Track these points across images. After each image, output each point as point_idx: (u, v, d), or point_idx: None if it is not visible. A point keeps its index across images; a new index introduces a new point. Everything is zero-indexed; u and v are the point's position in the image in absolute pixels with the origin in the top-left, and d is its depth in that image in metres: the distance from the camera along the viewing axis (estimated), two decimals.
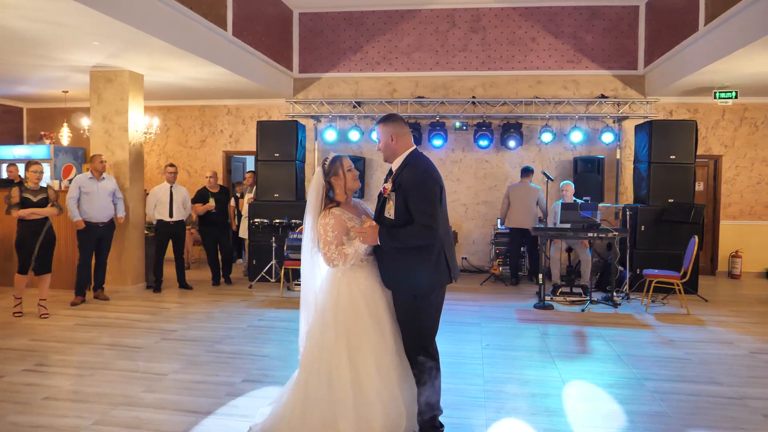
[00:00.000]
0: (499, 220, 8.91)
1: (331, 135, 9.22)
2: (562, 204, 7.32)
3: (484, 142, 9.10)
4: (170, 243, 7.63)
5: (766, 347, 5.32)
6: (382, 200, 3.17)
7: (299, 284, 7.73)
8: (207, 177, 8.10)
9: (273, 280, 8.16)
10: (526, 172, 8.43)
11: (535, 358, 4.95)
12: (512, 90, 9.46)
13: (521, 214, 8.25)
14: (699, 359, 4.94)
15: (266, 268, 8.11)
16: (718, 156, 9.39)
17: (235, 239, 10.32)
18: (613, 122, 9.24)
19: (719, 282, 8.98)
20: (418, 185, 2.93)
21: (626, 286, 7.73)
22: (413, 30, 9.53)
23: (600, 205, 7.71)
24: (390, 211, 3.05)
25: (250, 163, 11.71)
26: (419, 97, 9.41)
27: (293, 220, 8.04)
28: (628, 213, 7.70)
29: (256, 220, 8.10)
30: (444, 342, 5.37)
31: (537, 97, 9.27)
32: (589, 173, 8.84)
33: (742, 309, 7.00)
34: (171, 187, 7.60)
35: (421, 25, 9.52)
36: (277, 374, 4.38)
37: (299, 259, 7.44)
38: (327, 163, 3.20)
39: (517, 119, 9.26)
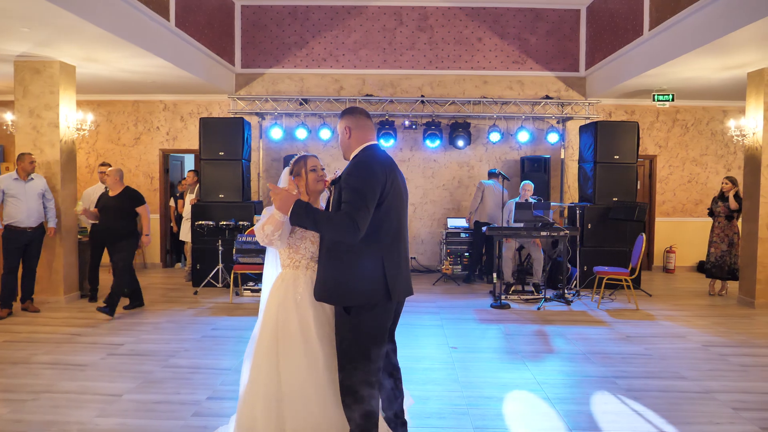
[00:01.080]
0: (467, 217, 8.88)
1: (277, 133, 8.88)
2: (516, 203, 7.39)
3: (433, 142, 9.07)
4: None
5: (716, 340, 5.57)
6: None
7: (248, 289, 7.41)
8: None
9: (220, 285, 7.74)
10: (495, 174, 8.49)
11: (505, 359, 4.92)
12: (459, 89, 9.48)
13: (493, 209, 8.31)
14: (659, 354, 5.09)
15: (212, 272, 7.68)
16: (653, 156, 9.84)
17: (174, 242, 9.78)
18: (557, 123, 9.47)
19: (655, 276, 9.41)
20: (354, 176, 2.63)
21: (575, 283, 7.93)
22: (360, 27, 9.35)
23: (552, 204, 7.85)
24: (331, 205, 2.84)
25: (188, 162, 11.12)
26: (367, 95, 9.25)
27: (241, 222, 7.66)
28: (578, 211, 7.88)
29: (200, 222, 7.65)
30: (411, 346, 5.29)
31: (485, 97, 9.35)
32: (535, 172, 9.00)
33: (684, 303, 7.32)
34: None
35: (368, 21, 9.35)
36: None
37: (250, 263, 7.15)
38: (292, 162, 3.03)
39: (465, 119, 9.29)
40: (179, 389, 4.08)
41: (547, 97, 9.35)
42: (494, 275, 7.47)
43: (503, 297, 7.37)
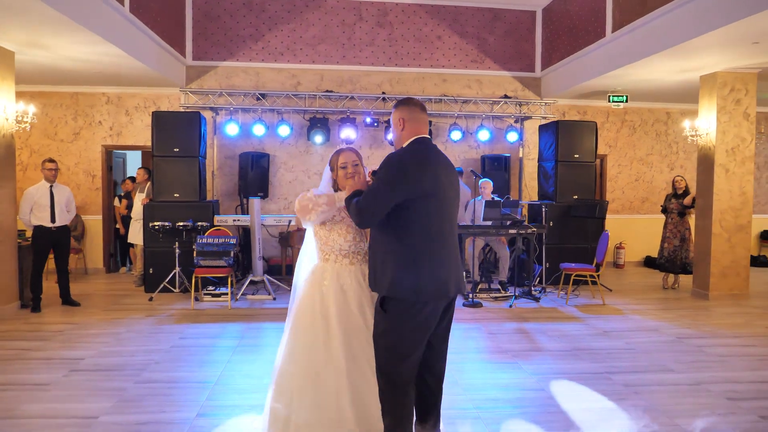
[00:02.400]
0: None
1: (232, 129, 8.45)
2: (486, 202, 7.37)
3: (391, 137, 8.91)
4: (51, 253, 6.46)
5: (687, 332, 5.75)
6: None
7: (209, 294, 6.97)
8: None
9: (177, 290, 7.25)
10: (459, 173, 8.49)
11: (498, 359, 4.85)
12: (419, 87, 9.40)
13: (460, 209, 8.24)
14: (640, 348, 5.18)
15: (169, 277, 7.18)
16: (604, 155, 10.16)
17: (122, 245, 9.15)
18: (515, 122, 9.57)
19: (607, 272, 9.70)
20: (382, 167, 2.62)
21: (539, 280, 8.02)
22: (318, 21, 9.07)
23: (520, 202, 7.91)
24: None
25: (132, 159, 10.44)
26: (328, 91, 8.98)
27: (200, 223, 7.22)
28: (543, 209, 7.98)
29: (155, 223, 7.14)
30: None
31: (445, 95, 9.31)
32: (496, 171, 9.06)
33: (643, 297, 7.56)
34: (51, 186, 6.42)
35: (326, 16, 9.08)
36: (232, 403, 3.79)
37: (211, 267, 6.74)
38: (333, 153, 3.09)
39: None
40: (162, 407, 3.71)
41: (506, 97, 9.44)
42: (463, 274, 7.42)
43: (473, 295, 7.34)
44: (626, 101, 8.79)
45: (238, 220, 7.46)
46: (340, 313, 2.83)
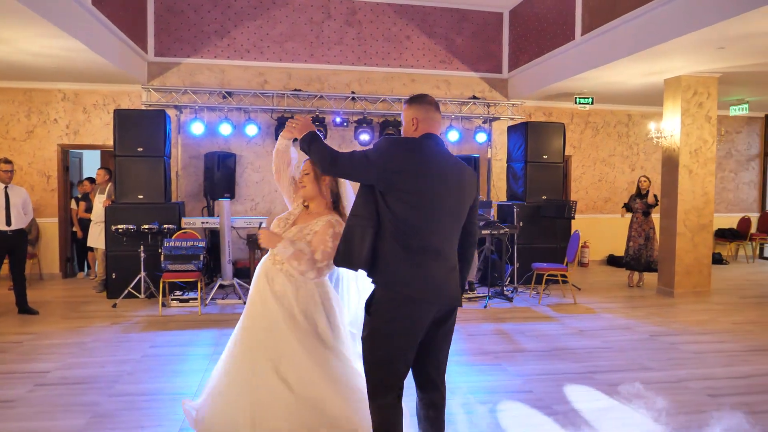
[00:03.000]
0: None
1: (198, 128, 8.17)
2: None
3: (365, 137, 8.84)
4: (6, 258, 6.09)
5: (659, 330, 5.89)
6: None
7: (176, 299, 6.70)
8: None
9: (142, 296, 6.96)
10: None
11: (481, 361, 4.83)
12: (387, 87, 9.33)
13: None
14: (617, 347, 5.26)
15: (134, 282, 6.87)
16: (568, 156, 10.34)
17: (79, 249, 8.74)
18: (483, 122, 9.62)
19: (572, 270, 9.87)
20: (373, 146, 2.54)
21: (510, 280, 8.08)
22: (286, 18, 8.88)
23: (493, 203, 7.95)
24: None
25: (90, 159, 9.98)
26: (296, 90, 8.80)
27: (166, 226, 6.94)
28: (515, 210, 8.04)
29: (119, 226, 6.82)
30: None
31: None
32: None
33: (611, 295, 7.72)
34: (6, 188, 6.04)
35: (294, 13, 8.90)
36: None
37: (181, 271, 6.49)
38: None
39: (395, 117, 9.16)
40: (141, 422, 3.52)
41: (474, 98, 9.48)
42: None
43: None
44: (592, 103, 8.97)
45: (207, 222, 7.22)
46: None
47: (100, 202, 7.38)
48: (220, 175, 8.29)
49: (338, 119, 8.74)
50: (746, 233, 10.73)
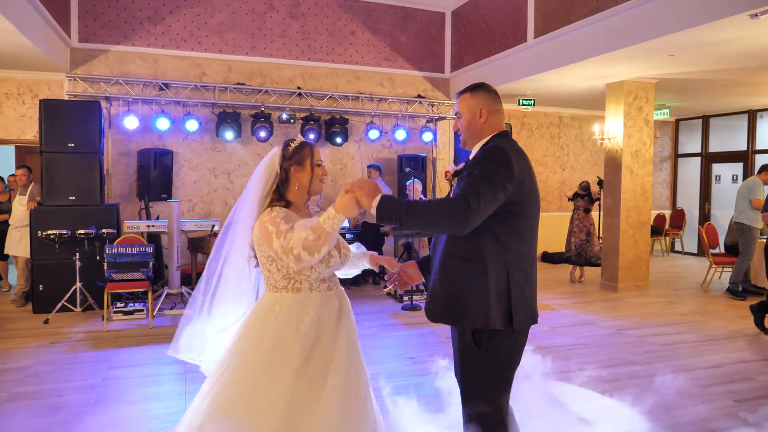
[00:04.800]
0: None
1: (132, 122, 7.44)
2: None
3: (312, 136, 8.50)
4: None
5: (621, 324, 6.13)
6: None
7: (120, 311, 6.03)
8: None
9: (78, 309, 6.20)
10: (377, 169, 8.29)
11: None
12: (332, 83, 9.05)
13: None
14: (592, 342, 5.40)
15: (68, 294, 6.10)
16: None
17: None
18: (428, 122, 9.60)
19: None
20: (485, 161, 2.17)
21: None
22: (226, 7, 8.32)
23: None
24: None
25: (2, 155, 8.80)
26: (239, 84, 8.29)
27: (104, 230, 6.24)
28: None
29: (49, 231, 6.03)
30: (366, 361, 4.69)
31: (361, 93, 9.06)
32: (413, 171, 9.00)
33: (560, 290, 7.97)
34: None
35: (235, 2, 8.37)
36: None
37: (128, 280, 5.88)
38: (292, 145, 2.31)
39: (342, 114, 8.90)
40: None
41: (420, 97, 9.44)
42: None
43: (408, 298, 7.20)
44: (534, 105, 9.22)
45: (153, 225, 6.57)
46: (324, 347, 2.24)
47: (21, 204, 6.51)
48: (157, 174, 7.63)
49: (284, 116, 8.34)
50: (662, 229, 11.56)
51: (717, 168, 11.36)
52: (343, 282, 7.74)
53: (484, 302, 2.17)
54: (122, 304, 6.21)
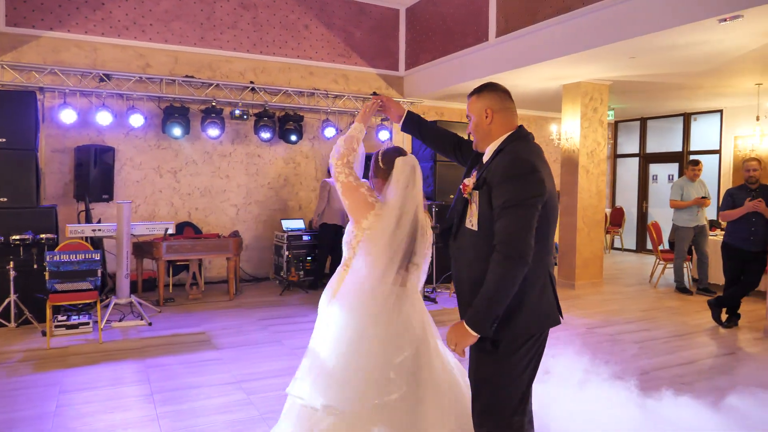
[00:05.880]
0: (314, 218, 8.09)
1: (69, 116, 6.77)
2: None
3: (267, 135, 8.10)
4: None
5: (590, 322, 6.20)
6: (462, 203, 2.35)
7: (62, 325, 5.41)
8: None
9: (13, 325, 5.55)
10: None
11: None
12: (284, 78, 8.67)
13: (339, 210, 7.77)
14: (568, 341, 5.36)
15: (1, 307, 5.43)
16: None
17: None
18: (383, 120, 9.41)
19: None
20: (515, 180, 2.09)
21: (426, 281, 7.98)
22: None
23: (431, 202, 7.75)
24: (472, 220, 2.23)
25: None
26: (188, 77, 7.75)
27: (43, 235, 5.62)
28: (434, 209, 7.93)
29: None
30: None
31: (316, 89, 8.74)
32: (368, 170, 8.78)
33: None
34: None
35: None
36: None
37: (73, 291, 5.35)
38: (382, 154, 2.76)
39: (297, 111, 8.54)
40: None
41: (375, 94, 9.22)
42: None
43: None
44: None
45: (100, 229, 5.98)
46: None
47: None
48: (97, 173, 7.00)
49: (237, 111, 7.89)
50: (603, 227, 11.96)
51: (654, 168, 11.88)
52: (301, 285, 7.43)
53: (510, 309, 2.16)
54: (63, 318, 5.60)
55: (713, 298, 6.13)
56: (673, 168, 11.39)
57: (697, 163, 7.68)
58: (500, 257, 2.05)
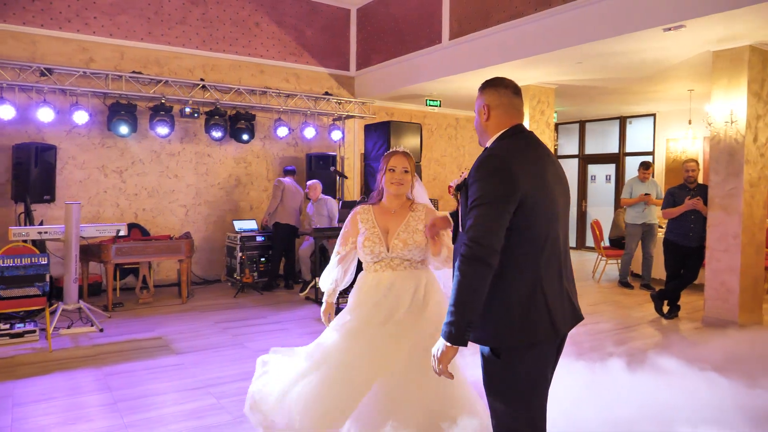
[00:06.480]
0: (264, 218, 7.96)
1: (7, 112, 6.38)
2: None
3: (218, 134, 7.92)
4: None
5: None
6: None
7: (5, 334, 5.10)
8: None
9: None
10: (292, 172, 7.96)
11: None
12: (235, 76, 8.50)
13: (294, 210, 7.73)
14: None
15: None
16: None
17: None
18: (336, 120, 9.39)
19: None
20: (478, 179, 2.05)
21: None
22: None
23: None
24: (460, 221, 2.20)
25: None
26: (135, 72, 7.46)
27: None
28: None
29: None
30: None
31: (268, 88, 8.61)
32: (322, 170, 8.75)
33: None
34: None
35: None
36: None
37: (20, 297, 5.11)
38: (386, 154, 2.98)
39: (248, 110, 8.38)
40: None
41: (327, 94, 9.20)
42: (317, 280, 7.05)
43: (303, 294, 6.99)
44: (440, 106, 9.40)
45: (47, 232, 5.65)
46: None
47: None
48: (38, 173, 6.64)
49: (188, 110, 7.67)
50: None
51: (592, 168, 12.44)
52: (255, 287, 7.37)
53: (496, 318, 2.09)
54: (6, 326, 5.28)
55: (656, 292, 6.50)
56: (610, 168, 11.96)
57: (647, 166, 8.03)
58: (461, 259, 1.99)
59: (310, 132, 8.70)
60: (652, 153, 11.08)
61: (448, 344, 1.97)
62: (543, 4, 6.25)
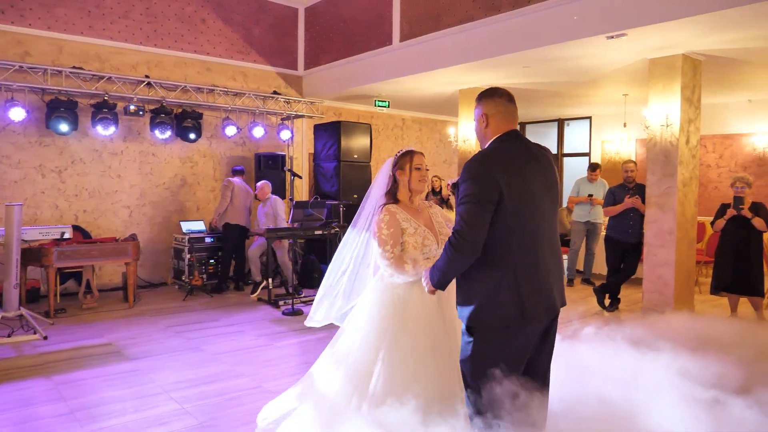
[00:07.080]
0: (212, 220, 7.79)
1: None
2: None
3: (164, 133, 7.70)
4: None
5: None
6: None
7: None
8: None
9: None
10: (241, 172, 7.83)
11: None
12: (181, 73, 8.28)
13: (244, 211, 7.61)
14: None
15: None
16: None
17: None
18: (285, 119, 9.31)
19: None
20: (462, 179, 2.32)
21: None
22: None
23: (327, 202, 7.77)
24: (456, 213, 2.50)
25: None
26: (76, 68, 7.13)
27: None
28: (341, 209, 8.00)
29: None
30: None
31: (215, 86, 8.44)
32: (271, 170, 8.67)
33: None
34: None
35: None
36: None
37: None
38: (398, 154, 3.06)
39: (195, 108, 8.18)
40: None
41: (276, 93, 9.11)
42: (269, 281, 7.01)
43: (255, 296, 6.93)
44: (388, 106, 9.50)
45: None
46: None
47: None
48: None
49: (132, 107, 7.41)
50: None
51: None
52: (204, 289, 7.30)
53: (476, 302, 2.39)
54: None
55: (598, 286, 6.85)
56: None
57: (594, 168, 8.38)
58: (449, 245, 2.33)
59: (258, 131, 8.60)
60: (588, 154, 11.63)
61: (432, 287, 2.51)
62: (493, 9, 6.46)
